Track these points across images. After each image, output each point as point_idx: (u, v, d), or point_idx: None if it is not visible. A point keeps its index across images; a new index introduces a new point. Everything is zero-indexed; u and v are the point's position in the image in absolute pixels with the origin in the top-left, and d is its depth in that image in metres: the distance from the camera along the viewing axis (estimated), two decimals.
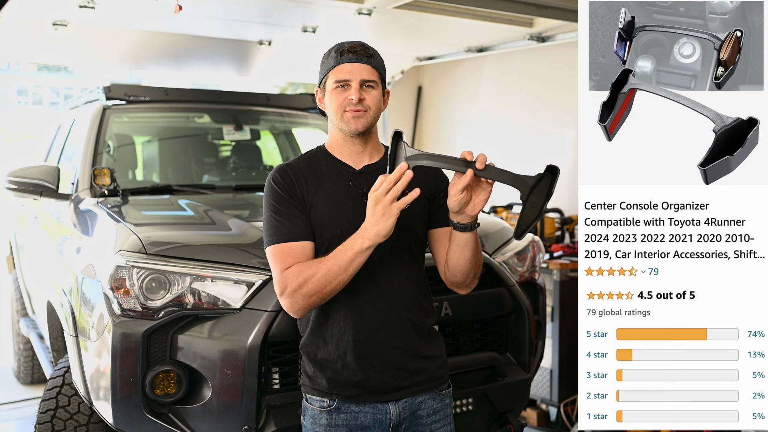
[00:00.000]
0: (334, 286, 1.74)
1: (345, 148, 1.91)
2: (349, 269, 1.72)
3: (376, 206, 1.67)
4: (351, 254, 1.71)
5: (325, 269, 1.73)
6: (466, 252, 1.82)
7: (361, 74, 1.84)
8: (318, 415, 1.86)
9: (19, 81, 28.44)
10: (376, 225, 1.67)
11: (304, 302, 1.76)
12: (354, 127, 1.85)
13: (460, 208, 1.73)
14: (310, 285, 1.74)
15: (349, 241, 1.71)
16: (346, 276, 1.73)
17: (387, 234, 1.68)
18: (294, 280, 1.75)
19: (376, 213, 1.67)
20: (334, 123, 1.89)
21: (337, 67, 1.84)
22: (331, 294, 1.76)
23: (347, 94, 1.83)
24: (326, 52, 1.89)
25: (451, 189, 1.71)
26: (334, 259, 1.73)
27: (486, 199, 1.72)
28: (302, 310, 1.79)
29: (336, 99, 1.84)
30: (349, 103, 1.83)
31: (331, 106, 1.86)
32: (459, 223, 1.76)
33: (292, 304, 1.77)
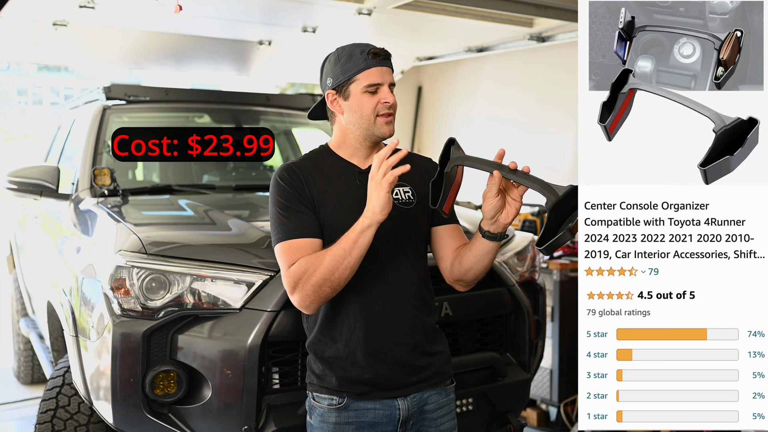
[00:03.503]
0: (341, 272, 1.72)
1: (356, 150, 1.91)
2: (353, 251, 1.71)
3: (370, 183, 1.70)
4: (353, 235, 1.71)
5: (330, 255, 1.73)
6: (486, 259, 1.85)
7: (389, 77, 1.85)
8: (327, 413, 1.86)
9: (19, 81, 28.46)
10: (370, 202, 1.70)
11: (315, 294, 1.75)
12: (387, 132, 1.86)
13: (494, 214, 1.75)
14: (318, 275, 1.73)
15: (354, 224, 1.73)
16: (351, 260, 1.72)
17: (382, 209, 1.69)
18: (302, 273, 1.75)
19: (370, 190, 1.71)
20: (359, 127, 1.87)
21: (369, 70, 1.82)
22: (340, 282, 1.74)
23: (379, 98, 1.83)
24: (342, 53, 1.86)
25: (487, 194, 1.74)
26: (337, 244, 1.73)
27: (517, 210, 1.76)
28: (313, 304, 1.77)
29: (368, 103, 1.83)
30: (384, 107, 1.83)
31: (360, 111, 1.84)
32: (489, 232, 1.79)
33: (303, 299, 1.77)
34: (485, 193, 1.74)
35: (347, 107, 1.86)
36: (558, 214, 1.68)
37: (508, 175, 1.70)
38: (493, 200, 1.74)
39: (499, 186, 1.72)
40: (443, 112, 6.79)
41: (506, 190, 1.75)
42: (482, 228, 1.80)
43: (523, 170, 1.71)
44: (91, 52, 5.62)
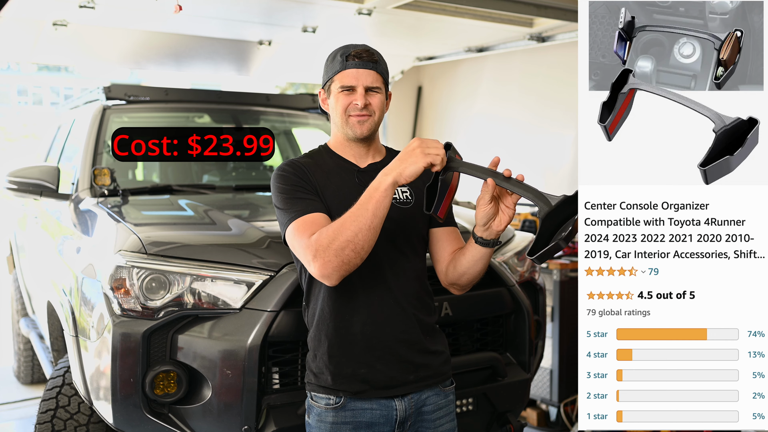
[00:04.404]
0: (365, 234, 1.68)
1: (349, 149, 1.95)
2: (377, 212, 1.68)
3: (414, 149, 1.68)
4: (377, 195, 1.68)
5: (353, 217, 1.69)
6: (479, 264, 1.86)
7: (366, 80, 1.86)
8: (324, 413, 1.87)
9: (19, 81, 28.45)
10: (403, 162, 1.68)
11: (337, 259, 1.69)
12: (359, 132, 1.89)
13: (487, 221, 1.77)
14: (341, 237, 1.68)
15: (372, 184, 1.70)
16: (375, 221, 1.68)
17: (408, 176, 1.67)
18: (324, 239, 1.70)
19: (410, 153, 1.68)
20: (338, 126, 1.92)
21: (343, 72, 1.86)
22: (363, 246, 1.69)
23: (352, 99, 1.86)
24: (331, 54, 1.91)
25: (480, 201, 1.75)
26: (358, 205, 1.70)
27: (510, 218, 1.77)
28: (336, 270, 1.71)
29: (341, 103, 1.87)
30: (354, 107, 1.86)
31: (336, 110, 1.89)
32: (482, 238, 1.80)
33: (325, 265, 1.70)
34: (479, 199, 1.76)
35: (330, 106, 1.92)
36: (550, 224, 1.68)
37: (501, 183, 1.71)
38: (486, 207, 1.75)
39: (492, 193, 1.74)
40: (443, 112, 6.79)
41: (500, 197, 1.76)
42: (475, 234, 1.81)
43: (517, 178, 1.72)
44: (91, 52, 5.62)
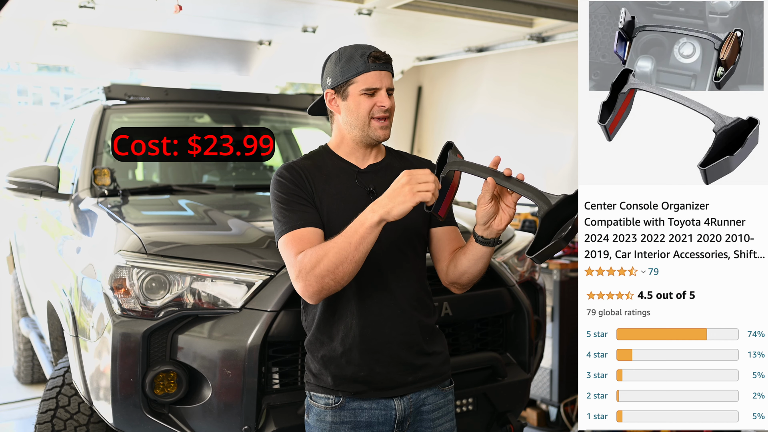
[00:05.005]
0: (346, 267, 1.70)
1: (353, 150, 1.93)
2: (360, 247, 1.68)
3: (403, 186, 1.65)
4: (361, 230, 1.68)
5: (337, 248, 1.70)
6: (480, 263, 1.85)
7: (388, 82, 1.86)
8: (323, 413, 1.87)
9: (19, 81, 28.45)
10: (392, 200, 1.65)
11: (318, 284, 1.72)
12: (381, 136, 1.87)
13: (487, 220, 1.76)
14: (322, 265, 1.70)
15: (359, 217, 1.70)
16: (357, 255, 1.69)
17: (397, 215, 1.65)
18: (307, 262, 1.73)
19: (398, 190, 1.65)
20: (355, 128, 1.88)
21: (367, 73, 1.83)
22: (344, 277, 1.72)
23: (375, 101, 1.84)
24: (344, 55, 1.87)
25: (480, 200, 1.75)
26: (344, 236, 1.70)
27: (511, 217, 1.77)
28: (316, 294, 1.75)
29: (364, 106, 1.84)
30: (379, 110, 1.84)
31: (356, 112, 1.86)
32: (483, 237, 1.80)
33: (306, 287, 1.74)
34: (479, 198, 1.76)
35: (345, 108, 1.88)
36: (550, 223, 1.68)
37: (501, 182, 1.71)
38: (486, 206, 1.75)
39: (492, 192, 1.73)
40: (443, 112, 6.79)
41: (500, 196, 1.76)
42: (476, 233, 1.81)
43: (518, 177, 1.71)
44: (91, 52, 5.63)
